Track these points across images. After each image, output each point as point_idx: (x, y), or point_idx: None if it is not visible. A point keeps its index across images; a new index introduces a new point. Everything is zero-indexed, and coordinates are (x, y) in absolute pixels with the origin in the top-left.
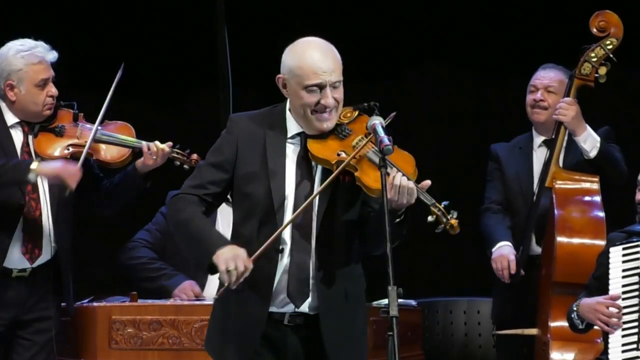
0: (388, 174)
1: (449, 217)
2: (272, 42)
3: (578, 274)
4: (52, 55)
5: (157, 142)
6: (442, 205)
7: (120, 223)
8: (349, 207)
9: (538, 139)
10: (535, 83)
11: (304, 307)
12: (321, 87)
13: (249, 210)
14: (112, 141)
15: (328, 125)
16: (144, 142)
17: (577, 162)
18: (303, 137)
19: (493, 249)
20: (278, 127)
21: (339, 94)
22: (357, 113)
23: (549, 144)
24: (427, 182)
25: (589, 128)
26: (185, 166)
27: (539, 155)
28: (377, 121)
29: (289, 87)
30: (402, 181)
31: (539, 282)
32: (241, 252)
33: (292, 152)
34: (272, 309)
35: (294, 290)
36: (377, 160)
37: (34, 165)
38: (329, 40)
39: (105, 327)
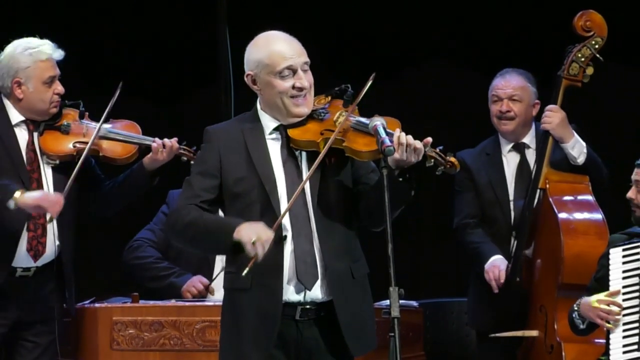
0: (386, 169)
1: (446, 157)
2: None
3: (585, 274)
4: (58, 54)
5: (165, 139)
6: (438, 149)
7: (120, 223)
8: (340, 188)
9: (507, 145)
10: (497, 93)
11: (316, 291)
12: (293, 69)
13: (243, 208)
14: (118, 138)
15: (305, 110)
16: (150, 139)
17: (554, 162)
18: (282, 129)
19: (486, 265)
20: (255, 127)
21: (310, 77)
22: (329, 98)
23: (520, 148)
24: (429, 139)
25: (575, 134)
26: (192, 162)
27: (510, 161)
28: (379, 122)
29: (260, 80)
30: (407, 139)
31: (528, 284)
32: (260, 223)
33: (274, 146)
34: (285, 298)
35: (303, 273)
36: (362, 127)
37: (17, 194)
38: (330, 40)
39: (106, 328)
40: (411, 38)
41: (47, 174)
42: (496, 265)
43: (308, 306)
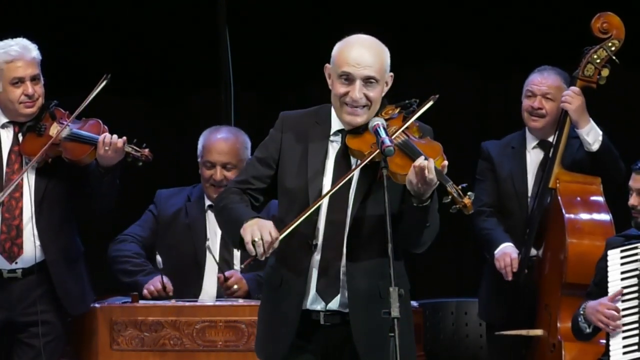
0: (386, 171)
1: (463, 197)
2: (273, 43)
3: (589, 275)
4: (31, 55)
5: (108, 135)
6: (460, 187)
7: (118, 224)
8: (385, 204)
9: (533, 141)
10: (532, 89)
11: (336, 305)
12: (351, 78)
13: (289, 205)
14: (75, 139)
15: (356, 120)
16: (100, 136)
17: (572, 162)
18: (343, 134)
19: (496, 252)
20: (323, 125)
21: (374, 92)
22: (397, 110)
23: (545, 145)
24: (444, 163)
25: (592, 121)
26: (140, 163)
27: (533, 156)
28: (379, 122)
29: (331, 76)
30: (421, 162)
31: (538, 283)
32: (268, 223)
33: (332, 149)
34: (306, 306)
35: (322, 287)
36: (407, 148)
37: None
38: (329, 41)
39: (106, 329)
40: (411, 39)
41: (29, 177)
42: (507, 253)
43: (331, 313)
